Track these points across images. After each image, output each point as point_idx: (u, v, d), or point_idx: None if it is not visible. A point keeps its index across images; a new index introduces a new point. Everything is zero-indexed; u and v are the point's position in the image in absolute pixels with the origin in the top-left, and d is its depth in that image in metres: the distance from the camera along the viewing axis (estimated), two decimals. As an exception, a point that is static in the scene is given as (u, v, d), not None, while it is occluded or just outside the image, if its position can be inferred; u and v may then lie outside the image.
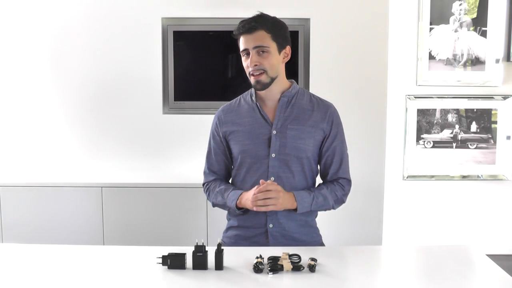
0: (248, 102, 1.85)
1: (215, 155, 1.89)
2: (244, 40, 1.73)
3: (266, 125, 1.79)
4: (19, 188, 2.91)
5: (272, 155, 1.77)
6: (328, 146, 1.83)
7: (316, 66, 3.03)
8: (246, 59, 1.75)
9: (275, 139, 1.77)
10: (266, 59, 1.72)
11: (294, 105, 1.81)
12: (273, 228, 1.79)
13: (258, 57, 1.71)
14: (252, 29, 1.70)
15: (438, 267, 1.58)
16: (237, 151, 1.82)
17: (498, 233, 3.43)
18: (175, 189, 2.90)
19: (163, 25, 3.02)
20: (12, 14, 3.03)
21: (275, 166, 1.77)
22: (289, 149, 1.77)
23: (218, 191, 1.84)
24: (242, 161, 1.81)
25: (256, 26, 1.70)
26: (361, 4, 3.01)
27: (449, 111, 3.36)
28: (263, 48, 1.71)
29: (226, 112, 1.86)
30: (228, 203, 1.79)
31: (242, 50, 1.75)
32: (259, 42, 1.71)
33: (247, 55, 1.74)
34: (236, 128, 1.82)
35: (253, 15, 1.75)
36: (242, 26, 1.73)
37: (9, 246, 1.82)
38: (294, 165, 1.78)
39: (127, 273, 1.52)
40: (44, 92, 3.09)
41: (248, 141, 1.79)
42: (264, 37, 1.71)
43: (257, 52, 1.71)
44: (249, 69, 1.73)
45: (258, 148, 1.78)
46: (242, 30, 1.72)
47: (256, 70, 1.72)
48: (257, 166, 1.79)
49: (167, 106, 3.08)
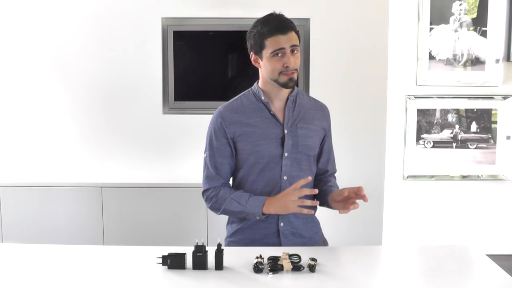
0: (252, 101, 1.82)
1: (221, 157, 1.81)
2: (280, 39, 1.71)
3: (278, 124, 1.79)
4: (19, 188, 2.91)
5: (285, 154, 1.78)
6: (327, 143, 1.91)
7: (316, 66, 3.03)
8: (280, 59, 1.72)
9: (288, 138, 1.78)
10: (298, 58, 1.75)
11: (299, 105, 1.83)
12: (284, 227, 1.80)
13: (293, 57, 1.73)
14: (288, 29, 1.72)
15: (438, 267, 1.58)
16: (248, 152, 1.79)
17: (498, 233, 3.43)
18: (175, 189, 2.90)
19: (163, 25, 3.02)
20: (12, 14, 3.03)
21: (288, 165, 1.78)
22: (301, 147, 1.79)
23: (232, 197, 1.78)
24: (255, 161, 1.78)
25: (291, 27, 1.73)
26: (361, 4, 3.01)
27: (449, 111, 3.36)
28: (297, 47, 1.74)
29: (231, 113, 1.81)
30: (248, 209, 1.75)
31: (276, 50, 1.72)
32: (294, 41, 1.73)
33: (281, 55, 1.72)
34: (246, 129, 1.78)
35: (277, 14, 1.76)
36: (278, 27, 1.72)
37: (9, 246, 1.82)
38: (304, 163, 1.81)
39: (127, 273, 1.52)
40: (44, 92, 3.09)
41: (261, 141, 1.78)
42: (296, 38, 1.74)
43: (292, 51, 1.73)
44: (282, 68, 1.73)
45: (271, 148, 1.78)
46: (280, 30, 1.71)
47: (292, 69, 1.73)
48: (270, 166, 1.78)
49: (167, 106, 3.08)
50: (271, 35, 1.71)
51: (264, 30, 1.72)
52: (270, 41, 1.72)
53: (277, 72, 1.74)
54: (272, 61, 1.73)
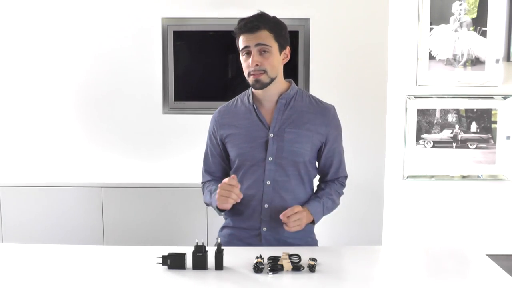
0: (245, 103, 1.81)
1: (212, 157, 1.87)
2: (245, 38, 1.68)
3: (263, 128, 1.76)
4: (19, 188, 2.91)
5: (269, 158, 1.74)
6: (329, 149, 1.82)
7: (316, 66, 3.03)
8: (246, 59, 1.70)
9: (272, 142, 1.74)
10: (267, 59, 1.68)
11: (292, 108, 1.78)
12: (267, 232, 1.78)
13: (259, 57, 1.67)
14: (255, 29, 1.66)
15: (438, 267, 1.58)
16: (234, 154, 1.80)
17: (498, 233, 3.43)
18: (175, 189, 2.90)
19: (163, 25, 3.02)
20: (12, 13, 3.03)
21: (272, 169, 1.75)
22: (286, 153, 1.74)
23: (208, 190, 1.83)
24: (239, 164, 1.79)
25: (258, 26, 1.67)
26: (361, 4, 3.01)
27: (449, 111, 3.36)
28: (265, 47, 1.67)
29: (222, 114, 1.84)
30: (213, 204, 1.77)
31: (242, 48, 1.70)
32: (261, 40, 1.67)
33: (247, 54, 1.70)
34: (233, 131, 1.79)
35: (253, 14, 1.71)
36: (244, 25, 1.68)
37: (9, 246, 1.82)
38: (291, 169, 1.76)
39: (127, 273, 1.52)
40: (44, 92, 3.09)
41: (245, 144, 1.77)
42: (266, 37, 1.67)
43: (259, 51, 1.67)
44: (249, 69, 1.69)
45: (255, 151, 1.75)
46: (244, 29, 1.68)
47: (257, 70, 1.68)
48: (253, 169, 1.76)
49: (167, 106, 3.08)
50: (239, 34, 1.71)
51: (236, 29, 1.72)
52: (240, 40, 1.72)
53: (246, 73, 1.72)
54: (242, 61, 1.73)
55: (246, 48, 1.69)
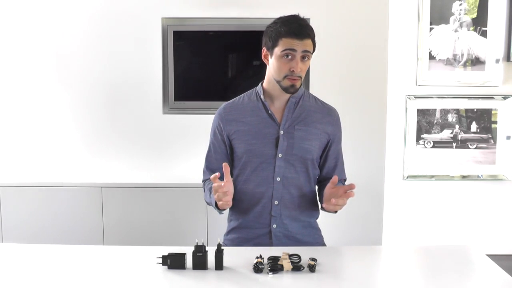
0: (253, 100, 1.83)
1: (215, 153, 1.86)
2: (293, 42, 1.69)
3: (274, 124, 1.78)
4: (19, 188, 2.91)
5: (279, 155, 1.77)
6: (334, 149, 1.86)
7: (316, 66, 3.02)
8: (287, 61, 1.71)
9: (283, 139, 1.77)
10: (306, 66, 1.74)
11: (301, 106, 1.82)
12: (277, 229, 1.79)
13: (301, 63, 1.71)
14: (305, 36, 1.69)
15: (438, 267, 1.58)
16: (241, 150, 1.80)
17: (498, 233, 3.43)
18: (175, 189, 2.90)
19: (163, 25, 3.02)
20: (12, 13, 3.03)
21: (282, 166, 1.77)
22: (296, 149, 1.77)
23: (208, 189, 1.82)
24: (247, 160, 1.79)
25: (309, 34, 1.70)
26: (361, 4, 3.01)
27: (449, 111, 3.36)
28: (308, 54, 1.72)
29: (229, 110, 1.84)
30: (212, 203, 1.76)
31: (287, 49, 1.70)
32: (307, 48, 1.70)
33: (287, 56, 1.70)
34: (240, 127, 1.80)
35: (296, 16, 1.74)
36: (296, 30, 1.69)
37: (9, 246, 1.82)
38: (300, 166, 1.79)
39: (127, 273, 1.52)
40: (44, 92, 3.09)
41: (254, 140, 1.78)
42: (310, 45, 1.71)
43: (302, 57, 1.71)
44: (287, 72, 1.71)
45: (265, 148, 1.77)
46: (296, 34, 1.69)
47: (296, 75, 1.71)
48: (263, 166, 1.78)
49: (167, 106, 3.08)
50: (286, 36, 1.70)
51: (282, 29, 1.70)
52: (284, 41, 1.70)
53: (283, 75, 1.72)
54: (280, 62, 1.72)
55: (291, 51, 1.69)
